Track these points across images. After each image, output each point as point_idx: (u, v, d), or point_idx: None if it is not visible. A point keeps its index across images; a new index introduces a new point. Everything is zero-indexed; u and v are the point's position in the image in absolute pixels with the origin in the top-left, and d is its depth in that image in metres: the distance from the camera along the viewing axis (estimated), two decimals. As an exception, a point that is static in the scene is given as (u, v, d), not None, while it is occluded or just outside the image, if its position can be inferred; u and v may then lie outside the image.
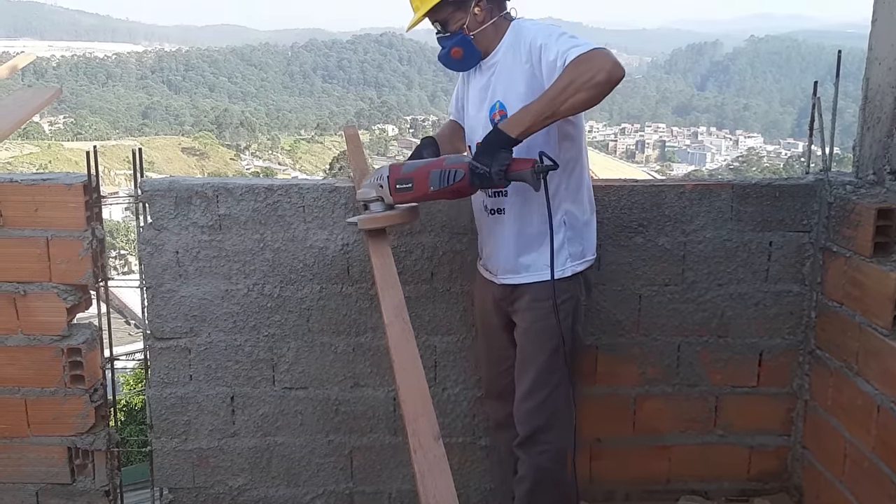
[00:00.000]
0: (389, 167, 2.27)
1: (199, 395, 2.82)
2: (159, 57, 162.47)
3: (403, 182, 2.20)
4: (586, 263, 2.38)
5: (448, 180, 2.13)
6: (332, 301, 2.77)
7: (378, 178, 2.27)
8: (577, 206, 2.34)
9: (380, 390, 2.85)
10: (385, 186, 2.23)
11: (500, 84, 2.31)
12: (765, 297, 2.83)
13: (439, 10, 2.28)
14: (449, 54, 2.35)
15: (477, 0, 2.28)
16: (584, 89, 2.00)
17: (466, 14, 2.28)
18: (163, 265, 2.71)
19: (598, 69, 1.99)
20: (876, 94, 2.67)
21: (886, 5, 2.62)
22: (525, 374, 2.36)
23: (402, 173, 2.21)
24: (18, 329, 2.67)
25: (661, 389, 2.90)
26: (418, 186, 2.18)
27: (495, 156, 2.07)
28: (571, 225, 2.32)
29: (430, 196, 2.20)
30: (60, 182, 2.59)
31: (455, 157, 2.22)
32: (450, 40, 2.33)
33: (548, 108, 2.04)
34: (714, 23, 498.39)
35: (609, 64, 2.00)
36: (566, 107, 2.03)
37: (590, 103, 2.03)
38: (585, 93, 2.00)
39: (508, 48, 2.30)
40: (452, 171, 2.13)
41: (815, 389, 2.82)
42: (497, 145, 2.08)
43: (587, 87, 2.00)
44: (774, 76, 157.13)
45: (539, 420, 2.34)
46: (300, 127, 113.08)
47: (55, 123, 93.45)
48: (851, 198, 2.58)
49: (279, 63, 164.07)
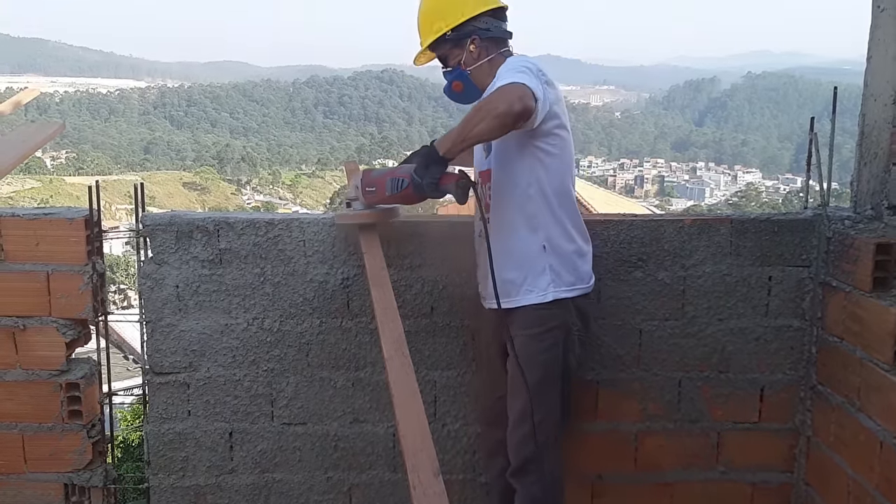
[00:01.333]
0: (364, 171, 2.52)
1: (198, 431, 2.80)
2: (162, 93, 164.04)
3: (370, 186, 2.43)
4: (575, 291, 2.39)
5: (397, 187, 2.34)
6: (331, 335, 2.76)
7: (356, 181, 2.50)
8: (561, 233, 2.37)
9: (379, 426, 2.83)
10: (359, 190, 2.48)
11: None
12: (765, 331, 2.82)
13: (439, 45, 2.45)
14: (451, 87, 2.51)
15: (472, 38, 2.41)
16: (486, 118, 2.12)
17: (463, 51, 2.43)
18: (163, 299, 2.71)
19: (500, 100, 2.11)
20: (872, 130, 2.69)
21: (881, 43, 2.65)
22: (515, 402, 2.39)
23: (370, 178, 2.44)
24: (17, 364, 2.66)
25: (662, 425, 2.88)
26: (378, 191, 2.41)
27: (428, 168, 2.23)
28: (556, 252, 2.36)
29: (387, 200, 2.41)
30: (62, 216, 2.60)
31: (406, 167, 2.36)
32: (450, 74, 2.49)
33: (462, 132, 2.17)
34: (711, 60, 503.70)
35: (512, 97, 2.10)
36: (474, 133, 2.15)
37: (492, 132, 2.15)
38: (487, 122, 2.11)
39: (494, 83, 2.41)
40: (401, 179, 2.32)
41: (817, 425, 2.80)
42: (430, 160, 2.24)
43: (489, 117, 2.11)
44: (772, 112, 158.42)
45: (528, 450, 2.35)
46: (301, 162, 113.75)
47: (57, 158, 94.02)
48: (850, 233, 2.59)
49: (281, 99, 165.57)
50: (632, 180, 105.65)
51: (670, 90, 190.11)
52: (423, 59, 2.56)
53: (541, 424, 2.34)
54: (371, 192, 2.43)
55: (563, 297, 2.36)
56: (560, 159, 2.36)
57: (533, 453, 2.35)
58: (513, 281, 2.36)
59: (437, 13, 2.43)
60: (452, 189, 2.27)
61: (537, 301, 2.33)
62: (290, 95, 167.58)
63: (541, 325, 2.35)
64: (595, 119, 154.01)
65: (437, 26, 2.42)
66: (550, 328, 2.34)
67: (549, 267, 2.35)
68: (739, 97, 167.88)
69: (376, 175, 2.44)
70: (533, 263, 2.35)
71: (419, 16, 2.47)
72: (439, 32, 2.42)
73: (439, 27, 2.42)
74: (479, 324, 2.65)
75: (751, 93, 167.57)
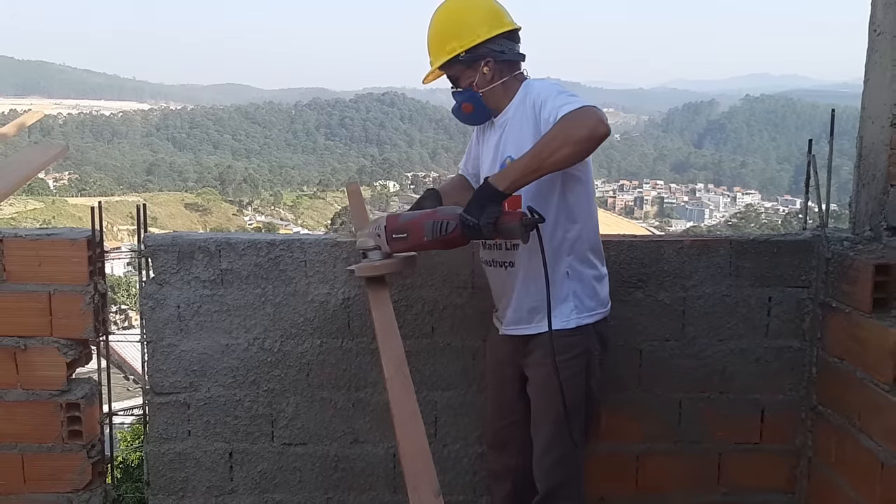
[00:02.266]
0: (386, 217, 2.33)
1: (198, 451, 2.79)
2: (164, 115, 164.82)
3: (399, 232, 2.26)
4: (597, 316, 2.38)
5: (440, 231, 2.18)
6: (332, 355, 2.76)
7: (376, 228, 2.32)
8: (583, 259, 2.35)
9: (379, 446, 2.82)
10: (382, 236, 2.29)
11: (510, 141, 2.36)
12: (765, 352, 2.82)
13: (451, 66, 2.37)
14: (460, 108, 2.45)
15: (485, 60, 2.35)
16: (567, 144, 2.05)
17: (476, 72, 2.36)
18: (164, 319, 2.71)
19: (581, 125, 2.06)
20: (870, 152, 2.71)
21: (878, 66, 2.68)
22: (542, 430, 2.36)
23: (399, 223, 2.27)
24: (18, 384, 2.66)
25: (663, 447, 2.87)
26: (413, 236, 2.24)
27: (484, 208, 2.11)
28: (578, 277, 2.34)
29: (424, 246, 2.25)
30: (64, 237, 2.62)
31: (448, 208, 2.26)
32: (461, 95, 2.42)
33: (533, 161, 2.09)
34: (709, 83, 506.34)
35: (593, 120, 2.05)
36: (551, 161, 2.07)
37: (574, 158, 2.09)
38: (569, 148, 2.05)
39: (518, 106, 2.36)
40: (444, 222, 2.18)
41: (818, 446, 2.79)
42: (486, 198, 2.12)
43: (571, 143, 2.05)
44: (770, 134, 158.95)
45: (559, 477, 2.35)
46: (303, 183, 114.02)
47: (60, 180, 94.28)
48: (849, 254, 2.59)
49: (283, 121, 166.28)
50: (631, 201, 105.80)
51: (669, 112, 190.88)
52: (431, 78, 2.49)
53: (568, 454, 2.32)
54: (400, 238, 2.26)
55: (585, 322, 2.34)
56: (586, 184, 2.35)
57: (563, 479, 2.35)
58: (536, 308, 2.32)
59: (451, 33, 2.36)
60: (517, 229, 2.10)
61: (560, 327, 2.28)
62: (291, 117, 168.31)
63: (565, 352, 2.29)
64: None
65: (450, 46, 2.35)
66: (574, 355, 2.31)
67: (572, 293, 2.33)
68: (738, 119, 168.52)
69: (407, 219, 2.27)
70: (556, 290, 2.28)
71: (431, 34, 2.41)
72: (452, 53, 2.35)
73: (453, 48, 2.35)
74: (489, 346, 2.61)
75: (749, 115, 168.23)
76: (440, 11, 2.41)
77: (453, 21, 2.38)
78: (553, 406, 2.30)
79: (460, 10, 2.40)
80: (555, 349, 2.27)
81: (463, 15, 2.38)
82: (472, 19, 2.36)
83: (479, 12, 2.37)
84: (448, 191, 2.60)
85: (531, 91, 2.34)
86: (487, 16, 2.36)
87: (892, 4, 2.59)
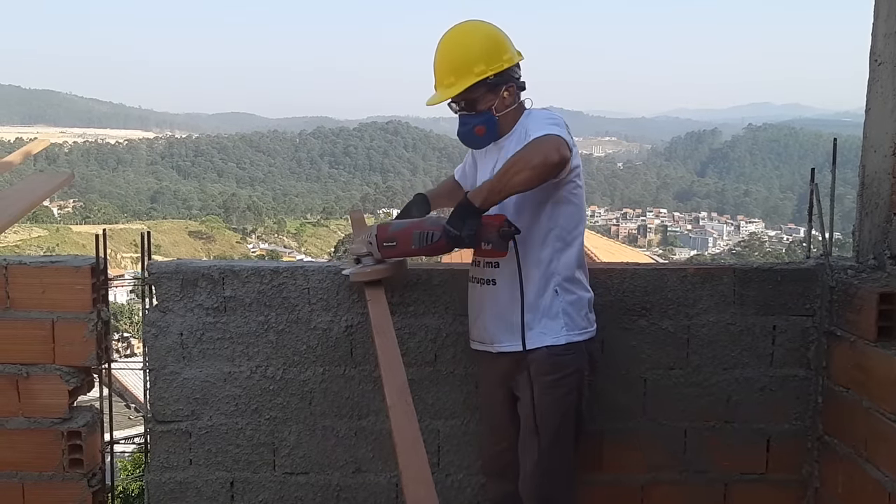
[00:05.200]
0: (377, 226, 2.45)
1: (199, 480, 2.77)
2: (169, 143, 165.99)
3: (389, 241, 2.39)
4: (587, 334, 2.41)
5: (426, 240, 2.31)
6: (334, 383, 2.75)
7: (368, 236, 2.45)
8: (572, 279, 2.40)
9: (382, 476, 2.80)
10: (374, 243, 2.42)
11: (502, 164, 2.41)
12: (770, 381, 2.81)
13: (474, 89, 2.38)
14: (472, 132, 2.45)
15: (507, 84, 2.39)
16: (525, 169, 2.16)
17: (496, 96, 2.39)
18: (167, 347, 2.71)
19: (538, 152, 2.16)
20: (873, 181, 2.72)
21: (880, 96, 2.69)
22: (532, 447, 2.37)
23: (389, 233, 2.40)
24: (19, 412, 2.65)
25: (668, 477, 2.84)
26: (401, 244, 2.37)
27: (465, 221, 2.23)
28: (568, 296, 2.38)
29: (411, 253, 2.38)
30: (68, 264, 2.62)
31: (433, 219, 2.37)
32: (475, 118, 2.43)
33: (498, 183, 2.20)
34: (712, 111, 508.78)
35: (550, 148, 2.16)
36: (511, 183, 2.18)
37: (531, 182, 2.18)
38: (526, 172, 2.15)
39: (517, 132, 2.41)
40: (430, 232, 2.31)
41: (824, 476, 2.76)
42: (466, 212, 2.24)
43: (528, 168, 2.15)
44: (773, 163, 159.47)
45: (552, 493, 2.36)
46: (306, 211, 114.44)
47: (64, 207, 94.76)
48: (853, 282, 2.59)
49: (287, 149, 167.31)
50: (635, 230, 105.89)
51: (672, 141, 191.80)
52: (441, 100, 2.47)
53: (558, 471, 2.35)
54: (390, 246, 2.39)
55: (575, 340, 2.37)
56: (577, 206, 2.40)
57: (557, 496, 2.37)
58: (527, 324, 2.33)
59: (478, 56, 2.36)
60: (494, 238, 2.26)
61: (551, 343, 2.34)
62: (296, 146, 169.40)
63: (556, 371, 2.34)
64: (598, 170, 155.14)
65: (478, 69, 2.35)
66: (566, 374, 2.35)
67: (562, 311, 2.36)
68: (741, 148, 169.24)
69: (396, 229, 2.40)
70: (547, 307, 2.36)
71: (451, 57, 2.40)
72: (482, 76, 2.36)
73: (481, 70, 2.36)
74: (485, 369, 2.61)
75: (752, 144, 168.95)
76: (462, 34, 2.43)
77: (480, 44, 2.38)
78: (545, 424, 2.33)
79: (485, 34, 2.41)
80: (543, 369, 2.33)
81: (488, 40, 2.39)
82: (497, 44, 2.39)
83: (502, 37, 2.41)
84: (441, 193, 2.78)
85: (527, 120, 2.42)
86: (507, 42, 2.42)
87: (892, 35, 2.62)
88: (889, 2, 2.64)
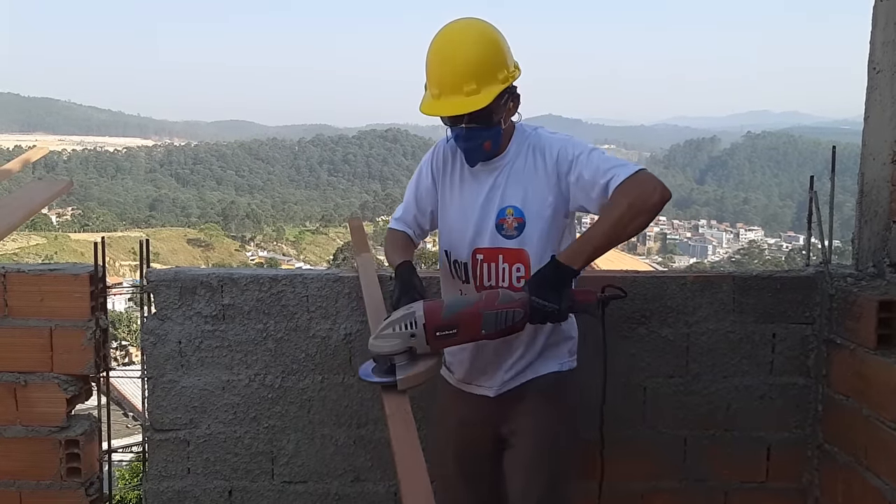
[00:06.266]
0: (424, 311, 1.98)
1: (197, 489, 2.76)
2: (168, 151, 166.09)
3: (446, 328, 1.96)
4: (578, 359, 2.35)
5: (506, 322, 1.95)
6: (333, 392, 2.74)
7: (405, 325, 1.97)
8: None
9: (380, 485, 2.79)
10: (420, 335, 1.96)
11: (515, 189, 2.18)
12: (770, 389, 2.80)
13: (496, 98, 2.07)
14: (481, 147, 2.15)
15: (512, 94, 2.15)
16: (643, 213, 1.97)
17: (504, 107, 2.14)
18: (165, 355, 2.70)
19: (652, 191, 1.98)
20: (872, 189, 2.72)
21: (878, 103, 2.70)
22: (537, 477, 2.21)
23: (445, 318, 1.96)
24: (17, 420, 2.64)
25: (668, 485, 2.84)
26: (466, 331, 1.97)
27: (562, 292, 1.96)
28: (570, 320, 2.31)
29: (479, 338, 2.00)
30: (67, 272, 2.61)
31: (505, 294, 1.99)
32: (487, 132, 2.13)
33: (612, 234, 1.98)
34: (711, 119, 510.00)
35: (660, 185, 2.00)
36: (628, 231, 1.98)
37: (646, 225, 2.02)
38: (645, 216, 1.97)
39: (523, 153, 2.19)
40: (509, 311, 1.95)
41: (825, 485, 2.76)
42: (563, 280, 1.97)
43: (646, 211, 1.97)
44: (773, 171, 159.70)
45: None
46: (305, 219, 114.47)
47: (63, 215, 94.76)
48: (853, 290, 2.59)
49: (286, 157, 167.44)
50: (634, 237, 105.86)
51: (671, 149, 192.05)
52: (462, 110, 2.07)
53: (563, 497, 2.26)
54: (448, 335, 1.97)
55: (576, 365, 2.32)
56: (572, 228, 2.26)
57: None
58: (533, 361, 2.24)
59: (502, 60, 2.08)
60: (593, 309, 2.02)
61: (557, 369, 2.25)
62: (295, 154, 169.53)
63: (561, 397, 2.25)
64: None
65: (502, 75, 2.07)
66: (574, 400, 2.27)
67: (565, 336, 2.29)
68: (740, 156, 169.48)
69: (452, 313, 1.96)
70: (556, 333, 2.25)
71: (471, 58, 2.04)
72: (506, 83, 2.08)
73: (505, 77, 2.08)
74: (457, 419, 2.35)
75: (751, 152, 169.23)
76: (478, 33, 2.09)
77: (499, 46, 2.09)
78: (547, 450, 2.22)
79: (498, 35, 2.11)
80: (548, 398, 2.23)
81: (502, 42, 2.11)
82: (507, 48, 2.12)
83: (505, 43, 2.13)
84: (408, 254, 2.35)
85: (542, 141, 2.18)
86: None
87: (890, 43, 2.62)
88: (887, 11, 2.65)
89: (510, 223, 2.18)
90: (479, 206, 2.22)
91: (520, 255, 2.17)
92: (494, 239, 2.20)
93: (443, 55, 2.08)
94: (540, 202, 2.16)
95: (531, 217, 2.16)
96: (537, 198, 2.16)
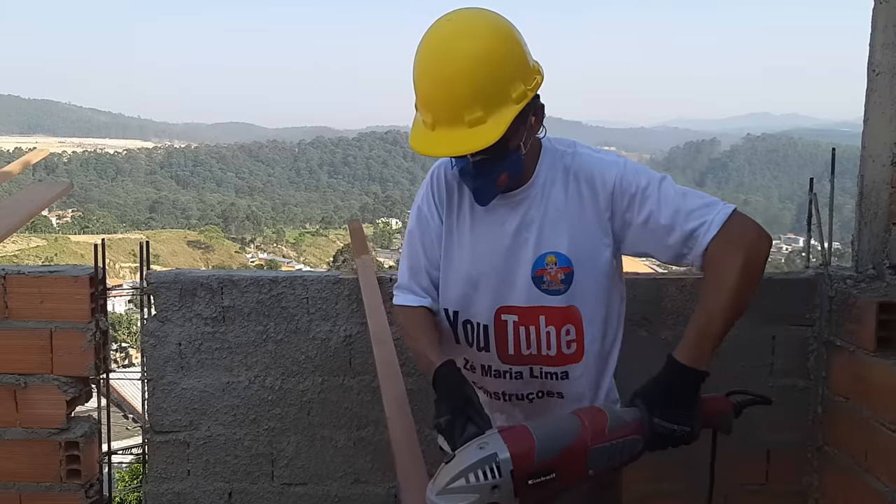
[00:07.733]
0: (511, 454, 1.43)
1: (197, 491, 2.76)
2: (168, 153, 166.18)
3: (541, 474, 1.45)
4: None
5: (620, 458, 1.51)
6: (333, 394, 2.74)
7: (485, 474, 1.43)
8: None
9: (380, 487, 2.79)
10: (507, 487, 1.43)
11: (555, 228, 1.70)
12: (770, 391, 2.79)
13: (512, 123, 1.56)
14: (496, 183, 1.65)
15: (535, 107, 1.63)
16: (758, 272, 1.58)
17: (526, 126, 1.63)
18: (165, 357, 2.70)
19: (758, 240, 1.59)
20: (871, 191, 2.72)
21: (878, 105, 2.70)
22: None
23: (539, 460, 1.44)
24: (17, 422, 2.64)
25: (669, 488, 2.83)
26: (568, 475, 1.47)
27: (692, 408, 1.53)
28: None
29: (581, 483, 1.52)
30: (67, 274, 2.61)
31: (614, 415, 1.53)
32: (501, 164, 1.62)
33: (734, 309, 1.56)
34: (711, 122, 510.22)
35: (763, 229, 1.61)
36: (747, 302, 1.58)
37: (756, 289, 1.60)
38: (758, 277, 1.59)
39: (559, 178, 1.71)
40: (627, 442, 1.50)
41: (825, 487, 2.75)
42: (693, 389, 1.54)
43: (759, 269, 1.59)
44: (772, 173, 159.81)
45: None
46: (305, 221, 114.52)
47: (63, 217, 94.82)
48: (852, 292, 2.59)
49: (286, 159, 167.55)
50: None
51: (671, 151, 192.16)
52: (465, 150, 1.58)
53: None
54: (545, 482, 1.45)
55: None
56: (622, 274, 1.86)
57: None
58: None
59: (515, 70, 1.56)
60: (723, 422, 1.62)
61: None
62: (295, 156, 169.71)
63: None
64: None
65: (517, 92, 1.55)
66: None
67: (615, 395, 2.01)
68: (740, 158, 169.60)
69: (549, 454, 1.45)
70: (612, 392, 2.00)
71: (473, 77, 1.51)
72: (522, 101, 1.56)
73: (521, 94, 1.56)
74: None
75: (751, 154, 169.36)
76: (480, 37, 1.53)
77: (510, 50, 1.56)
78: None
79: (508, 32, 1.57)
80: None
81: (515, 43, 1.58)
82: (522, 46, 1.60)
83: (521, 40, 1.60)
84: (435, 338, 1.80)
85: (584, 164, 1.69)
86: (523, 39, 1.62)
87: (889, 45, 2.62)
88: (886, 13, 2.65)
89: (554, 274, 1.70)
90: (505, 252, 1.74)
91: (569, 315, 1.73)
92: (532, 295, 1.73)
93: (434, 71, 1.56)
94: (592, 246, 1.70)
95: (581, 266, 1.70)
96: (588, 240, 1.70)
